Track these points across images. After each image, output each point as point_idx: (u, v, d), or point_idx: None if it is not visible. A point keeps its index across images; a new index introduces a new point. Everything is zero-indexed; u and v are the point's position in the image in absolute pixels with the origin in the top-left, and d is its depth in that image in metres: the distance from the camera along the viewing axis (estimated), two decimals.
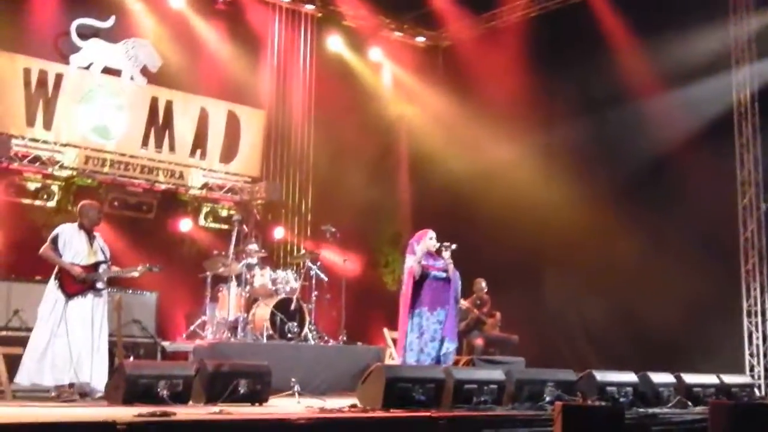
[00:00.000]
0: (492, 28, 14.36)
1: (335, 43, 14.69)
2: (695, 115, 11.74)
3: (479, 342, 11.84)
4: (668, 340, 11.04)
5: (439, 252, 8.90)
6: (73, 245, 8.11)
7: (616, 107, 12.37)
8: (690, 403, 8.41)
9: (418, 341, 8.70)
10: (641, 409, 7.77)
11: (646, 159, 12.06)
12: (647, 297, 11.38)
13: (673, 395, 8.46)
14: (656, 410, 7.89)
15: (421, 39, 15.56)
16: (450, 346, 8.73)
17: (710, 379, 8.98)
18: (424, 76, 15.00)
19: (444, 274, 8.83)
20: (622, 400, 8.07)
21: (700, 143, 11.43)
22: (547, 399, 7.73)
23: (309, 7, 14.45)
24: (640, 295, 11.45)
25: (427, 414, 6.78)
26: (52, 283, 8.04)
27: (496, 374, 7.89)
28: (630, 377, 8.47)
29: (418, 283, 8.80)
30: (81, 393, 7.99)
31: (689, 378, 8.77)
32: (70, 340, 7.81)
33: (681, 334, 11.12)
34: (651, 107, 11.98)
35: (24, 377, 7.83)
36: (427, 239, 8.91)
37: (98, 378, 7.95)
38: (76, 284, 8.01)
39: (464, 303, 11.86)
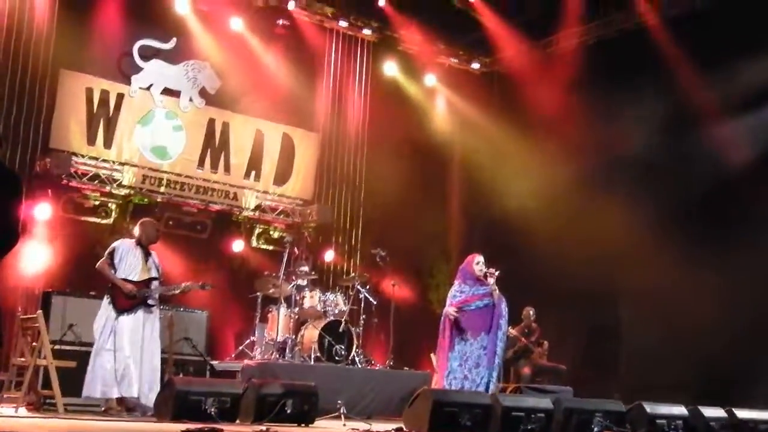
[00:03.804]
0: (548, 54, 14.27)
1: (390, 69, 14.77)
2: (761, 141, 11.60)
3: (526, 371, 11.77)
4: (725, 371, 10.78)
5: (485, 277, 8.79)
6: (129, 260, 8.30)
7: (677, 133, 12.21)
8: None
9: (461, 368, 8.60)
10: None
11: (706, 185, 11.85)
12: (703, 325, 11.09)
13: (724, 430, 8.30)
14: None
15: (476, 65, 15.58)
16: (492, 376, 8.58)
17: (764, 415, 8.76)
18: (478, 102, 14.98)
19: (487, 300, 8.69)
20: None
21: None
22: (596, 429, 7.64)
23: (366, 32, 14.58)
24: (696, 323, 11.16)
25: None
26: (105, 299, 8.22)
27: (544, 402, 7.81)
28: (680, 410, 8.31)
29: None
30: (130, 408, 8.11)
31: (742, 413, 8.58)
32: (116, 354, 7.98)
33: (740, 365, 10.84)
34: (715, 133, 11.76)
35: (83, 391, 8.08)
36: (474, 264, 8.79)
37: (149, 394, 8.05)
38: (126, 300, 8.17)
39: (512, 331, 11.78)
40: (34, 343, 8.22)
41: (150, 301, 8.28)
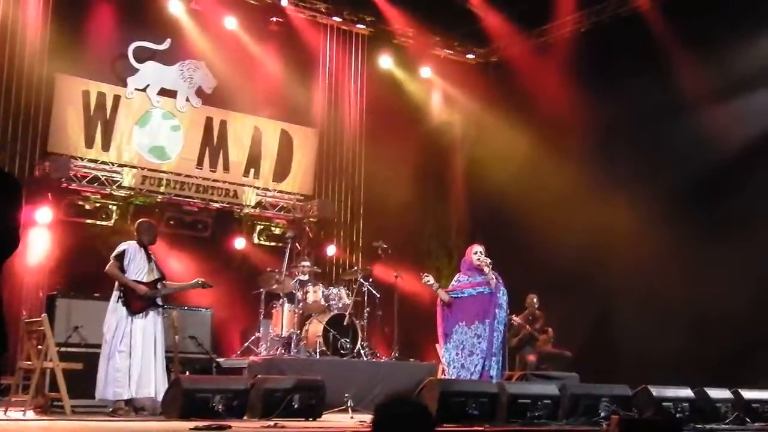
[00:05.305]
0: (542, 43, 14.29)
1: (386, 62, 14.78)
2: (754, 125, 11.60)
3: (532, 358, 11.80)
4: (730, 354, 10.81)
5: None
6: (137, 262, 8.29)
7: (672, 118, 12.24)
8: (749, 420, 8.28)
9: (458, 357, 8.62)
10: (698, 425, 7.68)
11: (701, 169, 11.90)
12: (703, 308, 11.12)
13: (731, 411, 8.33)
14: (714, 426, 7.79)
15: (471, 56, 15.57)
16: (487, 365, 8.54)
17: None
18: (475, 93, 14.98)
19: (482, 288, 8.66)
20: (678, 415, 7.97)
21: (762, 151, 11.30)
22: (603, 414, 7.67)
23: (360, 27, 14.57)
24: (696, 306, 11.20)
25: (481, 428, 6.78)
26: (115, 301, 8.20)
27: (551, 389, 7.85)
28: (686, 392, 8.35)
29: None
30: (139, 408, 8.13)
31: (748, 394, 8.62)
32: (132, 356, 7.99)
33: (743, 348, 10.85)
34: (709, 117, 11.75)
35: (97, 394, 8.09)
36: (472, 254, 8.78)
37: (162, 392, 8.08)
38: (140, 301, 8.17)
39: (516, 319, 11.85)
40: (39, 347, 8.22)
41: (159, 301, 8.33)
